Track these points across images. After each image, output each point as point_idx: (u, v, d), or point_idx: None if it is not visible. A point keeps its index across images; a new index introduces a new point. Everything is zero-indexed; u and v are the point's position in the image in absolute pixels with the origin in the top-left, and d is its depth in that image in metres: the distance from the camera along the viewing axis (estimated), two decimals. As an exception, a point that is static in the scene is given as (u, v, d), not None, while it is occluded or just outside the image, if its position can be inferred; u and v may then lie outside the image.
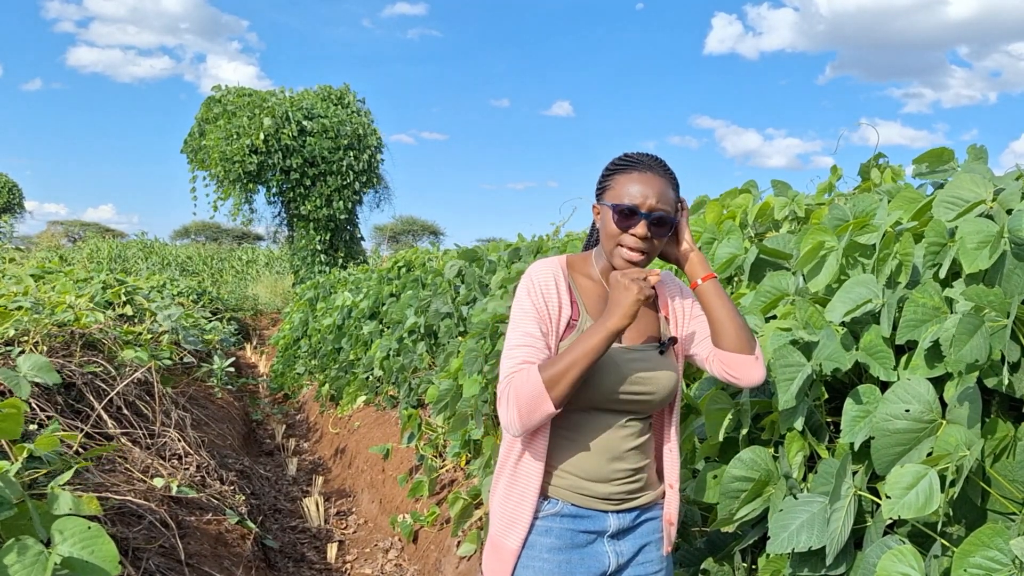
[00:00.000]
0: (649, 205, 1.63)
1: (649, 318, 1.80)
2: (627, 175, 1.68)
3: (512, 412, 1.59)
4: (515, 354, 1.64)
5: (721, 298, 1.73)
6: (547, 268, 1.74)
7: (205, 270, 29.70)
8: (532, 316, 1.68)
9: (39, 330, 3.85)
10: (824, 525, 1.73)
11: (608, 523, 1.73)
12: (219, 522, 3.49)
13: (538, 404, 1.56)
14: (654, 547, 1.80)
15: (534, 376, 1.57)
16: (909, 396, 1.60)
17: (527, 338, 1.66)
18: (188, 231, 43.75)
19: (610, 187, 1.70)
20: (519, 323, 1.69)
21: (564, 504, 1.71)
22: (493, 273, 5.13)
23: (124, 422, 3.76)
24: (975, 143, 2.29)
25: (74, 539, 1.51)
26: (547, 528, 1.70)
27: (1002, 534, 1.31)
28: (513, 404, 1.58)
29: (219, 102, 20.76)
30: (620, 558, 1.75)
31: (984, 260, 1.59)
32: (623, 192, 1.66)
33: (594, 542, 1.73)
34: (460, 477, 4.60)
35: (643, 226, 1.63)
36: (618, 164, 1.72)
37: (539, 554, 1.69)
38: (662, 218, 1.64)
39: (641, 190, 1.64)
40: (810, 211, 2.68)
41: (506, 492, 1.73)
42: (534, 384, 1.56)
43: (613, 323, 1.56)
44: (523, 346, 1.65)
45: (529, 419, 1.58)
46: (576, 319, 1.72)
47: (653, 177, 1.66)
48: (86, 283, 6.57)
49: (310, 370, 10.03)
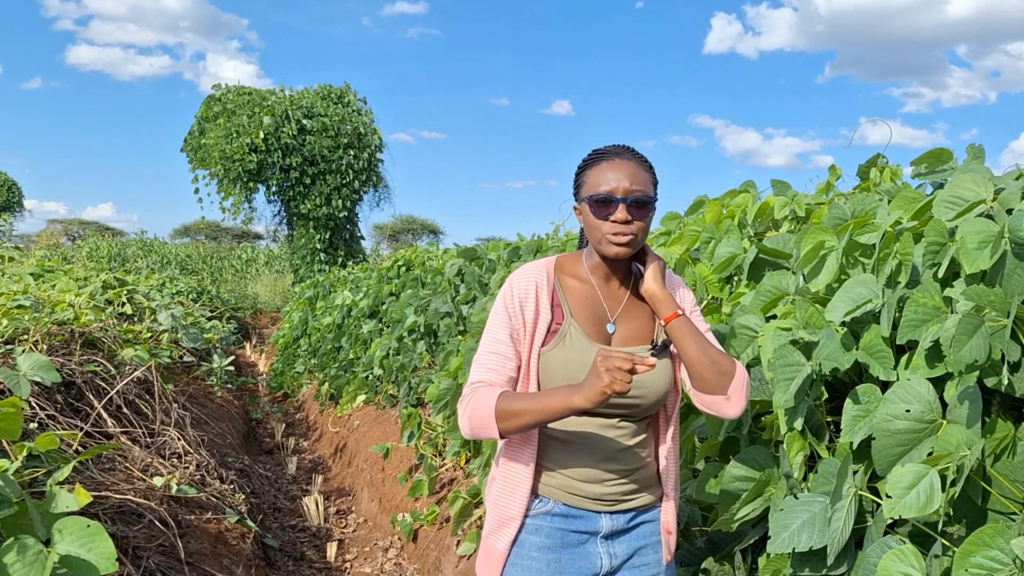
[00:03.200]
0: (624, 188, 1.63)
1: (644, 318, 1.77)
2: (597, 167, 1.69)
3: (464, 421, 1.65)
4: (483, 361, 1.70)
5: (687, 338, 1.66)
6: (529, 275, 1.74)
7: (205, 269, 29.69)
8: (505, 323, 1.71)
9: (39, 329, 3.85)
10: (825, 525, 1.73)
11: (601, 524, 1.72)
12: (219, 521, 3.49)
13: (486, 427, 1.61)
14: (651, 550, 1.77)
15: (490, 402, 1.60)
16: (909, 396, 1.60)
17: (497, 344, 1.70)
18: (188, 230, 43.73)
19: (584, 183, 1.71)
20: (492, 328, 1.72)
21: (555, 503, 1.70)
22: (492, 272, 5.12)
23: (124, 421, 3.76)
24: (975, 142, 2.29)
25: (73, 537, 1.51)
26: (537, 527, 1.69)
27: (1003, 534, 1.31)
28: (467, 416, 1.64)
29: (219, 101, 20.75)
30: (613, 560, 1.73)
31: (985, 260, 1.59)
32: (596, 183, 1.66)
33: (586, 542, 1.71)
34: (460, 476, 4.60)
35: (622, 210, 1.63)
36: (587, 159, 1.73)
37: (528, 552, 1.68)
38: (639, 199, 1.64)
39: (614, 176, 1.65)
40: (810, 210, 2.68)
41: (497, 493, 1.73)
42: (487, 409, 1.60)
43: (577, 400, 1.51)
44: (492, 353, 1.69)
45: (476, 434, 1.64)
46: (560, 323, 1.70)
47: (622, 162, 1.67)
48: (86, 282, 6.57)
49: (310, 369, 10.03)
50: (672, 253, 2.84)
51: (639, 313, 1.77)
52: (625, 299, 1.77)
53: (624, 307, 1.76)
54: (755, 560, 2.11)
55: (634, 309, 1.77)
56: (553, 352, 1.69)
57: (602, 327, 1.72)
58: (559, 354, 1.68)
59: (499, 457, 1.76)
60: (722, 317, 2.54)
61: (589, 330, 1.70)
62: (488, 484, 1.81)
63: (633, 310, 1.77)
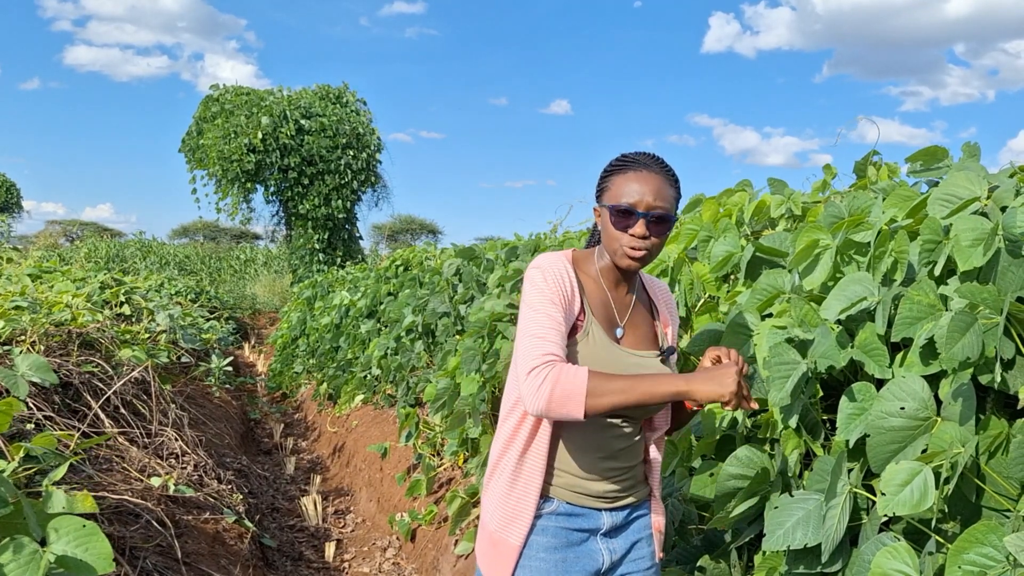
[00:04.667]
0: (647, 204, 1.63)
1: (647, 324, 1.81)
2: (624, 175, 1.68)
3: (543, 395, 1.52)
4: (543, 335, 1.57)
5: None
6: (558, 260, 1.70)
7: (203, 269, 29.70)
8: (554, 298, 1.62)
9: (36, 329, 3.85)
10: (820, 522, 1.73)
11: (602, 521, 1.74)
12: (217, 521, 3.49)
13: (572, 401, 1.51)
14: (645, 543, 1.81)
15: (582, 375, 1.52)
16: (904, 393, 1.60)
17: (551, 321, 1.59)
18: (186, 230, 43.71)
19: (608, 188, 1.70)
20: (541, 306, 1.61)
21: (560, 503, 1.71)
22: (490, 272, 5.13)
23: (121, 421, 3.76)
24: (974, 141, 2.29)
25: (69, 537, 1.51)
26: (543, 527, 1.70)
27: (996, 531, 1.32)
28: (548, 388, 1.51)
29: (217, 101, 20.76)
30: (613, 555, 1.75)
31: (978, 257, 1.59)
32: (620, 192, 1.66)
33: (587, 540, 1.73)
34: (458, 475, 4.61)
35: (641, 225, 1.63)
36: (615, 165, 1.72)
37: (536, 553, 1.69)
38: (661, 216, 1.64)
39: (638, 189, 1.64)
40: (806, 209, 2.68)
41: (508, 488, 1.71)
42: (579, 382, 1.51)
43: (698, 387, 1.50)
44: (551, 329, 1.58)
45: (551, 409, 1.53)
46: (583, 320, 1.69)
47: (650, 175, 1.66)
48: (83, 283, 6.57)
49: (308, 369, 10.03)
50: (670, 252, 2.85)
51: (642, 320, 1.81)
52: (632, 305, 1.79)
53: (631, 313, 1.79)
54: (751, 558, 2.11)
55: (638, 315, 1.80)
56: (579, 348, 1.67)
57: (611, 329, 1.73)
58: (584, 350, 1.67)
59: (503, 454, 1.74)
60: (718, 316, 2.54)
61: (605, 330, 1.72)
62: (487, 479, 1.79)
63: (637, 316, 1.80)
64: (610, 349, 1.69)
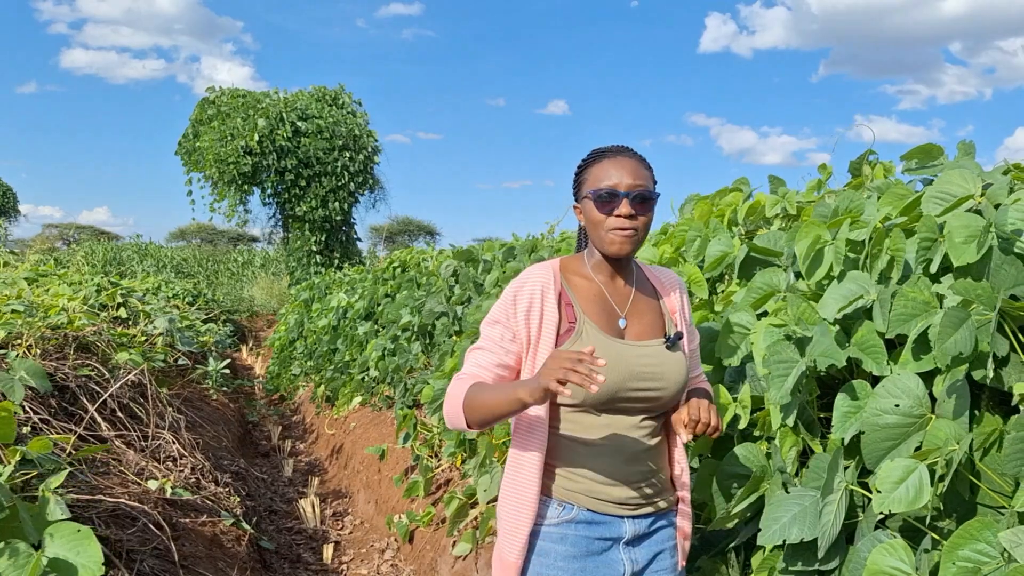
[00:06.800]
0: (627, 184, 1.65)
1: (654, 313, 1.77)
2: (599, 164, 1.70)
3: (444, 410, 1.68)
4: (473, 354, 1.72)
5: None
6: (536, 277, 1.72)
7: (201, 272, 29.67)
8: (502, 320, 1.71)
9: (32, 333, 3.84)
10: (816, 519, 1.73)
11: (624, 529, 1.69)
12: (214, 524, 3.49)
13: (457, 417, 1.62)
14: (668, 554, 1.76)
15: (461, 391, 1.62)
16: (898, 391, 1.60)
17: (488, 341, 1.72)
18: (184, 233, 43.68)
19: (586, 180, 1.72)
20: (489, 323, 1.74)
21: (580, 510, 1.67)
22: (488, 273, 5.13)
23: (118, 424, 3.75)
24: (970, 139, 2.30)
25: (63, 541, 1.51)
26: (562, 535, 1.66)
27: (991, 527, 1.32)
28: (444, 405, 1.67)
29: (213, 103, 20.74)
30: (635, 566, 1.71)
31: (971, 254, 1.59)
32: (599, 178, 1.68)
33: (609, 549, 1.68)
34: (456, 477, 4.60)
35: (626, 205, 1.64)
36: (588, 158, 1.75)
37: (554, 562, 1.65)
38: (642, 194, 1.65)
39: (616, 172, 1.66)
40: (801, 208, 2.69)
41: (504, 499, 1.71)
42: (458, 399, 1.62)
43: (521, 394, 1.49)
44: (481, 350, 1.71)
45: (452, 424, 1.66)
46: (573, 321, 1.69)
47: (624, 159, 1.69)
48: (80, 286, 6.56)
49: (306, 371, 10.02)
50: (663, 253, 2.85)
51: (648, 308, 1.77)
52: (632, 295, 1.77)
53: (632, 302, 1.76)
54: (748, 558, 2.11)
55: (641, 304, 1.77)
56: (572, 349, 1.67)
57: (614, 323, 1.72)
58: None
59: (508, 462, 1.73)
60: (709, 315, 2.54)
61: (602, 326, 1.70)
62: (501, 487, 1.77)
63: (641, 305, 1.77)
64: (607, 344, 1.66)
